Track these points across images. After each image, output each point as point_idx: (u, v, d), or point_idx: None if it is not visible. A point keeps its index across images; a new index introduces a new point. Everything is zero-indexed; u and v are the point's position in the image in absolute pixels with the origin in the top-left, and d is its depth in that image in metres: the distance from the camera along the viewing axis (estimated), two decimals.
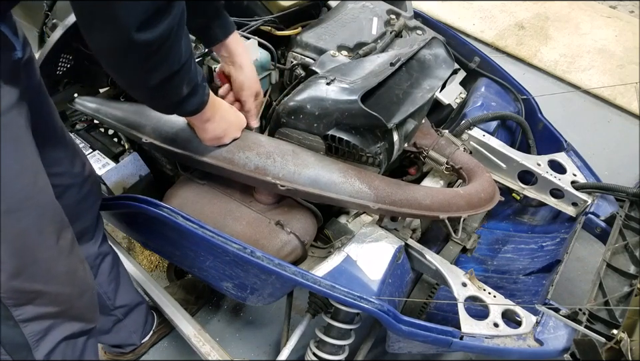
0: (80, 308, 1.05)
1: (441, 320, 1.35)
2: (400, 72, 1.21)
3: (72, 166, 1.10)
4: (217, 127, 1.09)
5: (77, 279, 1.02)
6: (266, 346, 1.61)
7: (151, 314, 1.56)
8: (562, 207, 1.46)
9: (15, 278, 0.88)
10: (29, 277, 0.90)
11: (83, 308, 1.06)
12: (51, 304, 0.97)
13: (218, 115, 1.07)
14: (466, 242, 1.41)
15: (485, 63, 1.74)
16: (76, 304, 1.03)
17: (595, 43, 2.92)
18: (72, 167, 1.10)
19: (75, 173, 1.11)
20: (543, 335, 1.05)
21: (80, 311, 1.05)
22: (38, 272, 0.92)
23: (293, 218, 1.20)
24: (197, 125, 1.09)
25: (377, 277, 1.09)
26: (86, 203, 1.18)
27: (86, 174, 1.15)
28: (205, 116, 1.03)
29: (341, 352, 1.24)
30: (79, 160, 1.13)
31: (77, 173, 1.12)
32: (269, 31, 1.44)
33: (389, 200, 1.12)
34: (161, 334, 1.59)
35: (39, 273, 0.92)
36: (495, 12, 3.16)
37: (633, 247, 1.17)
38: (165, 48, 0.78)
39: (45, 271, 0.93)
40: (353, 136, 1.14)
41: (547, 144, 1.59)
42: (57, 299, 0.98)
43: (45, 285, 0.94)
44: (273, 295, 1.20)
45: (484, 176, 1.28)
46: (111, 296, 1.34)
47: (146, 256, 1.87)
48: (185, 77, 0.87)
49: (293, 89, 1.24)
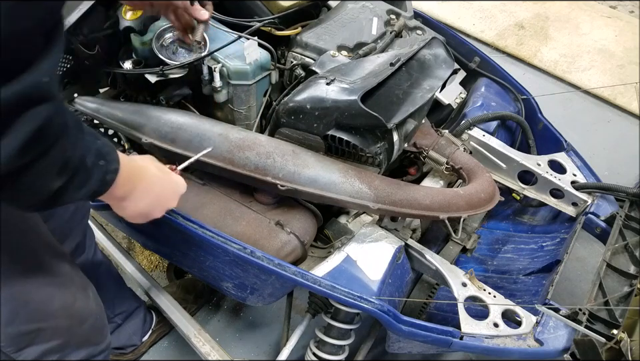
0: (84, 335, 1.03)
1: (441, 320, 1.34)
2: (400, 72, 1.21)
3: None
4: (138, 204, 0.83)
5: (74, 310, 0.99)
6: (266, 345, 1.61)
7: (149, 313, 1.56)
8: (562, 207, 1.46)
9: (9, 325, 0.85)
10: (24, 320, 0.87)
11: (88, 334, 1.04)
12: (51, 338, 0.94)
13: (139, 190, 0.81)
14: (466, 242, 1.41)
15: (485, 63, 1.74)
16: (78, 332, 1.00)
17: (595, 43, 2.92)
18: None
19: None
20: (543, 335, 1.05)
21: (85, 338, 1.03)
22: (32, 313, 0.88)
23: (293, 218, 1.20)
24: (110, 203, 0.82)
25: (377, 277, 1.09)
26: (75, 219, 1.15)
27: None
28: (116, 195, 0.76)
29: (341, 352, 1.24)
30: None
31: None
32: (268, 31, 1.44)
33: (389, 200, 1.12)
34: (160, 333, 1.59)
35: (34, 313, 0.89)
36: (494, 12, 3.16)
37: (633, 247, 1.17)
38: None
39: (39, 311, 0.90)
40: (353, 136, 1.14)
41: (547, 144, 1.59)
42: (56, 333, 0.95)
43: (41, 323, 0.91)
44: (273, 295, 1.20)
45: (484, 176, 1.28)
46: (109, 304, 1.32)
47: (146, 256, 1.87)
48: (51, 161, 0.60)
49: (293, 89, 1.24)
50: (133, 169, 0.80)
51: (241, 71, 1.27)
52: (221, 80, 1.27)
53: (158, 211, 0.90)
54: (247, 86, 1.31)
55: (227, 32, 1.33)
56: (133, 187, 0.80)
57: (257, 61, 1.31)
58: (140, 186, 0.81)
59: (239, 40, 1.29)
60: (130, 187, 0.79)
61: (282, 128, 1.21)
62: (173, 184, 0.92)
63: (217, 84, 1.27)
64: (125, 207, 0.82)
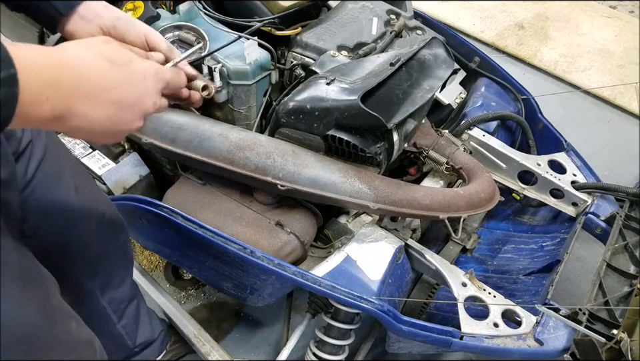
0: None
1: (441, 320, 1.34)
2: (400, 72, 1.21)
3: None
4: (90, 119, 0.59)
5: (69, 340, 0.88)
6: (266, 345, 1.61)
7: (168, 334, 1.44)
8: (562, 207, 1.46)
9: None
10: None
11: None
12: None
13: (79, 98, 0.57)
14: (466, 242, 1.41)
15: (485, 63, 1.74)
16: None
17: (595, 43, 2.92)
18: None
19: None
20: (543, 335, 1.05)
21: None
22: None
23: (293, 218, 1.20)
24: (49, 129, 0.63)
25: (377, 277, 1.09)
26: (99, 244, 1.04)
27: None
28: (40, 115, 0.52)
29: (341, 352, 1.24)
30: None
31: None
32: (268, 31, 1.44)
33: (389, 200, 1.12)
34: (176, 353, 1.47)
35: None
36: (494, 12, 3.16)
37: (633, 247, 1.17)
38: None
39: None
40: (353, 136, 1.14)
41: (546, 144, 1.59)
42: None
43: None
44: (273, 295, 1.20)
45: (484, 176, 1.28)
46: (132, 335, 1.25)
47: (146, 256, 1.87)
48: None
49: (293, 89, 1.24)
50: (56, 70, 0.54)
51: (241, 71, 1.28)
52: (220, 80, 1.27)
53: (129, 120, 0.64)
54: (247, 86, 1.31)
55: (226, 32, 1.33)
56: (68, 95, 0.55)
57: (256, 61, 1.31)
58: (80, 92, 0.56)
59: (239, 40, 1.29)
60: (61, 97, 0.54)
61: (282, 128, 1.21)
62: (138, 75, 0.65)
63: (216, 84, 1.27)
64: (74, 129, 0.58)
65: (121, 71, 0.62)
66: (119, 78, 0.61)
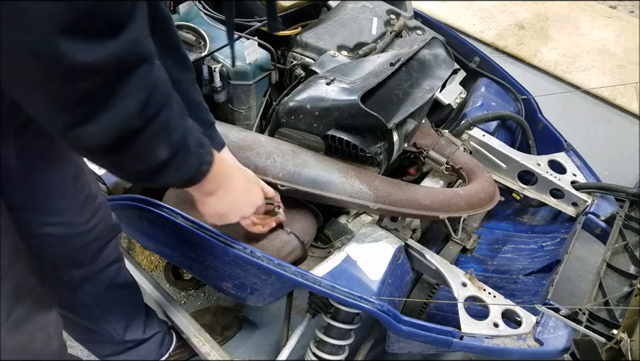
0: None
1: (441, 320, 1.34)
2: (400, 72, 1.21)
3: (76, 216, 0.98)
4: (221, 203, 0.86)
5: (31, 351, 0.91)
6: (266, 345, 1.61)
7: (168, 335, 1.42)
8: (562, 207, 1.46)
9: None
10: None
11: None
12: None
13: (224, 190, 0.84)
14: (466, 242, 1.41)
15: (485, 63, 1.74)
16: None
17: (595, 43, 2.92)
18: (76, 217, 0.98)
19: (79, 223, 1.00)
20: (543, 335, 1.05)
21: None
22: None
23: (293, 218, 1.20)
24: (196, 197, 0.85)
25: (377, 277, 1.09)
26: (89, 249, 1.07)
27: (92, 223, 1.02)
28: (205, 189, 0.80)
29: (341, 352, 1.24)
30: (88, 209, 1.01)
31: (81, 223, 1.00)
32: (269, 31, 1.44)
33: (389, 200, 1.12)
34: (179, 358, 1.45)
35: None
36: (494, 12, 3.16)
37: (633, 247, 1.17)
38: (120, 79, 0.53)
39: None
40: (353, 136, 1.14)
41: (546, 144, 1.59)
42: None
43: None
44: (273, 295, 1.20)
45: (484, 176, 1.28)
46: (120, 332, 1.24)
47: (146, 256, 1.87)
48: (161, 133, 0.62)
49: (293, 89, 1.24)
50: (223, 168, 0.81)
51: (241, 71, 1.28)
52: (220, 80, 1.27)
53: (234, 215, 0.93)
54: (246, 86, 1.31)
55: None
56: (220, 185, 0.82)
57: (256, 61, 1.31)
58: (226, 186, 0.84)
59: (239, 40, 1.29)
60: (217, 184, 0.81)
61: (282, 128, 1.21)
62: (253, 194, 0.96)
63: (216, 84, 1.27)
64: (209, 203, 0.85)
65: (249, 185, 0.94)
66: (246, 188, 0.93)
